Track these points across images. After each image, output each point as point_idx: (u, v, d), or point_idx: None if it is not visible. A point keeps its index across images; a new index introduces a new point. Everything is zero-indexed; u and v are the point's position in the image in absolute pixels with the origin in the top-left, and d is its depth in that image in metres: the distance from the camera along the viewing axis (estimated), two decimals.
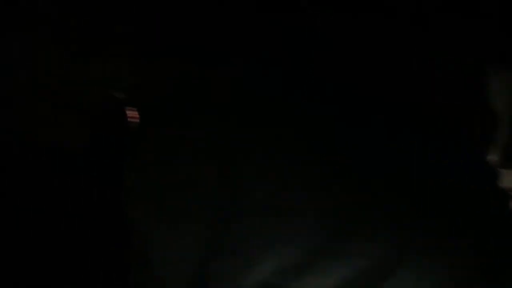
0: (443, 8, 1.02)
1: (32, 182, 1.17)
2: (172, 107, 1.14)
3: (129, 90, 1.18)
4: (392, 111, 1.09)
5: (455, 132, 1.07)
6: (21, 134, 1.15)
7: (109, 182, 1.19)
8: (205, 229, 1.13)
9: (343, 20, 1.06)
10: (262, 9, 1.09)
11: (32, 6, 1.09)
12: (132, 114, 1.21)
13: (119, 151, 1.19)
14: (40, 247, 1.16)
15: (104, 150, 1.20)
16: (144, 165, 1.15)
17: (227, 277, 1.14)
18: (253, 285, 1.14)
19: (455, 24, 1.02)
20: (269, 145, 1.11)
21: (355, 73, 1.09)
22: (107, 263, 1.19)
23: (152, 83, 1.16)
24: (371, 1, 1.06)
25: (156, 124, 1.14)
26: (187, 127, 1.12)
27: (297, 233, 1.12)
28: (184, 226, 1.13)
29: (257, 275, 1.14)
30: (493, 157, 0.83)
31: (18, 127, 1.14)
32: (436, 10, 1.02)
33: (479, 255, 1.08)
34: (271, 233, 1.12)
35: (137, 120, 1.18)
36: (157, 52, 1.13)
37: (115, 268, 1.17)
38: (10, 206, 1.15)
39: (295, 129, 1.12)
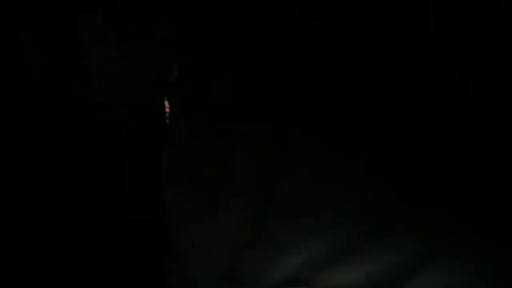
0: None
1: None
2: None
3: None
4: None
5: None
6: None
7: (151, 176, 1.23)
8: (240, 220, 1.17)
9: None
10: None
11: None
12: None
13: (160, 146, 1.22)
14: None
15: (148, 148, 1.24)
16: (186, 158, 1.18)
17: (256, 268, 1.17)
18: (281, 278, 1.17)
19: None
20: (305, 143, 1.13)
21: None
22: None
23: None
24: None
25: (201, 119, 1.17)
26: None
27: (325, 228, 1.14)
28: (221, 216, 1.16)
29: (285, 267, 1.16)
30: None
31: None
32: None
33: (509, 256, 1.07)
34: (301, 227, 1.15)
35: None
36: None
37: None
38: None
39: (327, 126, 1.13)
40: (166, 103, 1.20)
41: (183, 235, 1.19)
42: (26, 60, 1.13)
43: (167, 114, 1.21)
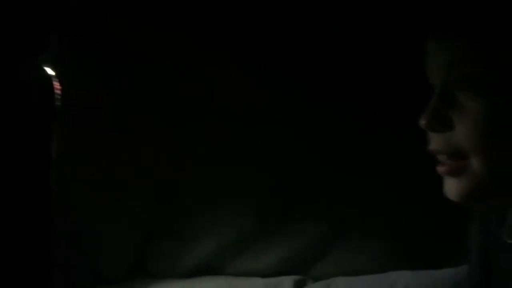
0: None
1: None
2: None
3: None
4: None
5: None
6: None
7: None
8: (145, 211, 1.12)
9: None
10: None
11: None
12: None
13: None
14: None
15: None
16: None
17: (165, 259, 1.14)
18: (191, 266, 1.15)
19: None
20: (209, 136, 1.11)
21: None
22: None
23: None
24: None
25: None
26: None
27: (234, 216, 1.13)
28: (124, 208, 1.11)
29: (196, 256, 1.15)
30: None
31: None
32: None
33: (410, 231, 1.13)
34: (209, 216, 1.13)
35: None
36: None
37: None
38: None
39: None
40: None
41: (86, 228, 1.12)
42: None
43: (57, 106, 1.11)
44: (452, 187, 0.59)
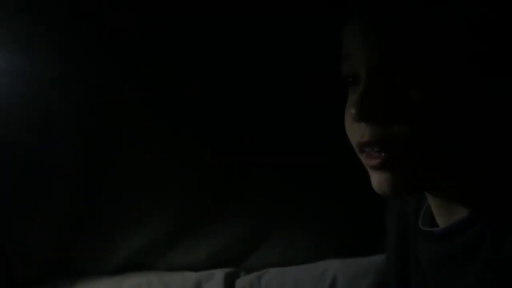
0: None
1: None
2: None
3: None
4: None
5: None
6: None
7: None
8: (64, 208, 1.08)
9: None
10: None
11: None
12: None
13: None
14: None
15: None
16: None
17: (90, 257, 1.11)
18: (118, 263, 1.13)
19: None
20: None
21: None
22: None
23: None
24: None
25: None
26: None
27: (161, 211, 1.11)
28: (41, 206, 1.07)
29: (121, 252, 1.12)
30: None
31: None
32: None
33: (338, 221, 1.15)
34: (136, 211, 1.11)
35: None
36: None
37: None
38: None
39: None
40: None
41: (3, 226, 1.08)
42: None
43: None
44: (384, 181, 0.54)
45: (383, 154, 0.54)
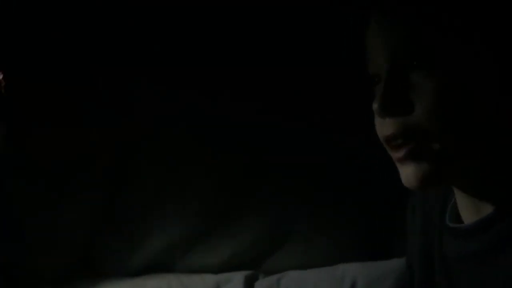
0: None
1: None
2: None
3: None
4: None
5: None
6: None
7: None
8: (92, 207, 1.10)
9: None
10: None
11: None
12: None
13: None
14: None
15: None
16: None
17: (112, 257, 1.12)
18: (140, 264, 1.13)
19: None
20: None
21: None
22: None
23: None
24: None
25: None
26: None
27: (182, 213, 1.12)
28: (67, 207, 1.08)
29: (143, 254, 1.13)
30: None
31: None
32: None
33: (359, 225, 1.15)
34: (157, 213, 1.11)
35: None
36: None
37: None
38: None
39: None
40: None
41: (28, 226, 1.09)
42: None
43: None
44: (411, 173, 0.55)
45: (409, 146, 0.56)
